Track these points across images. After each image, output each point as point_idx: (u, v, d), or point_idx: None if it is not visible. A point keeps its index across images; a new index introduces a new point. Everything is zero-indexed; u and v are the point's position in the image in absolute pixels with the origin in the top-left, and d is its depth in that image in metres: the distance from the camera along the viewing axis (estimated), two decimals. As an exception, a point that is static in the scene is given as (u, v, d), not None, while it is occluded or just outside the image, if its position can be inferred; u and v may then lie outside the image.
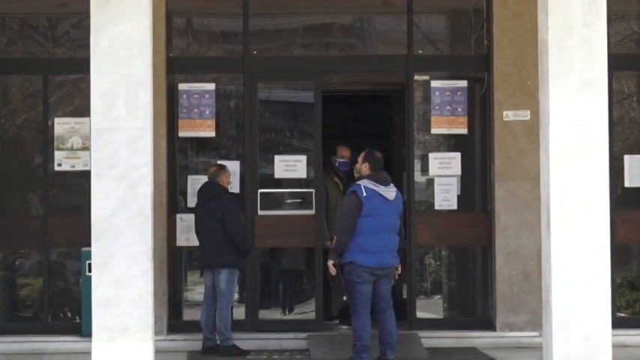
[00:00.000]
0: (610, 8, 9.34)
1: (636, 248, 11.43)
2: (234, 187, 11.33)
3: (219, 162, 11.13)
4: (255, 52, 11.70)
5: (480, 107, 11.69)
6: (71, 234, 10.64)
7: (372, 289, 10.05)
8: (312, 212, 11.52)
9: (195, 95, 11.54)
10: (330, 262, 10.15)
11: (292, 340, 11.21)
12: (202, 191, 10.85)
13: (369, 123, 11.95)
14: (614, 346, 9.25)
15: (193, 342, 11.07)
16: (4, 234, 11.43)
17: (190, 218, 11.33)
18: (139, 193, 9.17)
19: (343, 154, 11.32)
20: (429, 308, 11.94)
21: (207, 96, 11.54)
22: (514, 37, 10.92)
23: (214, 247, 10.57)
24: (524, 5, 10.07)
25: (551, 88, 9.33)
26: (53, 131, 11.38)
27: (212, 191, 10.72)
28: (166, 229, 11.17)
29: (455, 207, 11.72)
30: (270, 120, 12.02)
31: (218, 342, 10.61)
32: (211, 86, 11.60)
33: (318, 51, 12.09)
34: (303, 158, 11.61)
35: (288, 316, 11.93)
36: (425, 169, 11.74)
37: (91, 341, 9.11)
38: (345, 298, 10.34)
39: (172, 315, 11.40)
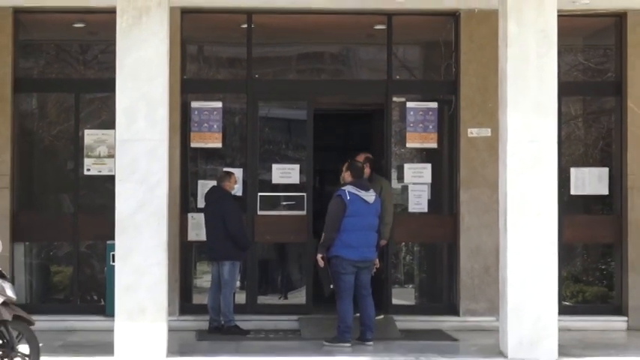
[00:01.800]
0: (560, 42, 9.41)
1: (580, 247, 11.50)
2: (238, 190, 11.36)
3: (226, 169, 11.14)
4: (256, 76, 11.73)
5: (448, 125, 11.69)
6: (98, 229, 10.63)
7: (354, 279, 10.12)
8: (303, 213, 11.52)
9: (205, 112, 11.53)
10: (319, 256, 10.23)
11: (286, 322, 11.22)
12: (208, 194, 10.91)
13: (354, 137, 11.97)
14: (560, 329, 9.35)
15: (201, 322, 11.06)
16: (41, 229, 11.47)
17: (200, 217, 11.33)
18: (156, 195, 9.22)
19: (360, 158, 11.19)
20: (402, 296, 11.94)
21: (215, 112, 11.53)
22: (478, 66, 10.95)
23: (218, 242, 10.61)
24: (488, 39, 10.10)
25: (509, 109, 9.39)
26: (83, 141, 11.37)
27: (216, 194, 10.78)
28: (179, 226, 11.15)
29: (425, 210, 11.71)
30: (269, 134, 12.04)
31: (222, 323, 10.62)
32: (219, 104, 11.58)
33: (310, 75, 12.11)
34: (297, 167, 11.63)
35: (283, 301, 11.94)
36: (400, 178, 11.76)
37: (113, 320, 9.20)
38: (331, 286, 10.38)
39: (183, 299, 11.37)
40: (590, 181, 11.52)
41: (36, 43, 11.72)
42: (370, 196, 10.16)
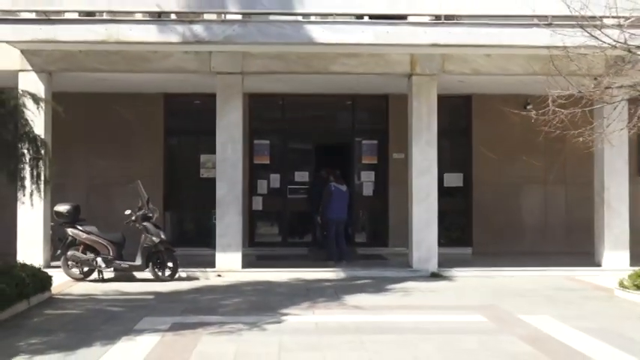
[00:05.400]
0: (439, 109, 9.52)
1: (448, 213, 11.16)
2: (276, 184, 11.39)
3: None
4: (287, 127, 11.78)
5: (383, 152, 11.69)
6: (207, 204, 10.34)
7: (335, 230, 10.27)
8: (310, 196, 11.47)
9: (261, 145, 11.60)
10: (318, 218, 10.52)
11: (300, 250, 11.23)
12: (316, 179, 11.00)
13: (335, 159, 11.86)
14: (439, 254, 9.49)
15: (259, 251, 11.10)
16: (179, 204, 11.53)
17: (258, 199, 11.42)
18: (236, 188, 9.42)
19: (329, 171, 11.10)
20: (360, 237, 11.96)
21: (266, 145, 11.61)
22: (398, 122, 10.78)
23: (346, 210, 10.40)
24: (403, 108, 10.01)
25: (414, 144, 9.59)
26: (200, 160, 11.41)
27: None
28: (248, 202, 11.16)
29: (372, 194, 11.75)
30: (294, 156, 11.98)
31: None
32: (267, 142, 11.62)
33: (313, 127, 11.96)
34: (307, 173, 11.68)
35: (300, 240, 11.78)
36: (359, 178, 11.77)
37: (215, 250, 9.36)
38: (324, 233, 10.59)
39: (250, 239, 11.39)
40: (454, 180, 11.60)
41: (176, 110, 11.58)
42: (343, 187, 10.42)
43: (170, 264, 8.75)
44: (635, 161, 10.93)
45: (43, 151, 6.28)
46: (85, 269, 8.71)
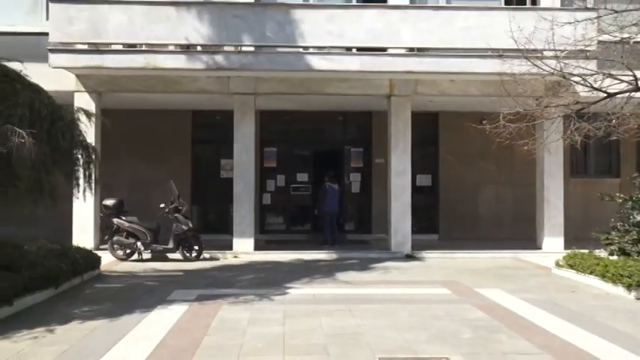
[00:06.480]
0: (412, 124, 9.49)
1: (420, 206, 11.11)
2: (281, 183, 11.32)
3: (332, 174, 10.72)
4: (290, 137, 11.70)
5: (367, 157, 11.66)
6: (226, 199, 10.34)
7: (329, 219, 10.22)
8: (309, 193, 11.49)
9: (270, 152, 11.55)
10: (316, 210, 10.44)
11: (301, 237, 11.19)
12: (329, 187, 10.52)
13: (330, 163, 11.83)
14: (412, 240, 9.46)
15: (268, 237, 11.05)
16: (204, 200, 11.38)
17: (267, 195, 11.35)
18: (249, 186, 9.35)
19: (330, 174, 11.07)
20: (349, 226, 11.87)
21: (273, 152, 11.56)
22: (380, 133, 10.85)
23: (338, 204, 10.38)
24: (384, 122, 10.10)
25: (392, 152, 9.54)
26: (220, 163, 11.36)
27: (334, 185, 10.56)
28: (259, 198, 11.14)
29: (358, 192, 11.70)
30: (296, 161, 11.86)
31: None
32: (275, 149, 11.58)
33: (312, 137, 11.92)
34: (306, 174, 11.60)
35: (301, 228, 11.76)
36: (348, 178, 11.72)
37: (233, 236, 9.24)
38: (321, 222, 10.51)
39: (261, 227, 11.35)
40: (424, 180, 11.56)
41: (200, 123, 11.52)
42: (335, 186, 10.40)
43: (196, 247, 8.77)
44: (568, 165, 11.07)
45: (93, 156, 6.31)
46: (128, 251, 8.75)
